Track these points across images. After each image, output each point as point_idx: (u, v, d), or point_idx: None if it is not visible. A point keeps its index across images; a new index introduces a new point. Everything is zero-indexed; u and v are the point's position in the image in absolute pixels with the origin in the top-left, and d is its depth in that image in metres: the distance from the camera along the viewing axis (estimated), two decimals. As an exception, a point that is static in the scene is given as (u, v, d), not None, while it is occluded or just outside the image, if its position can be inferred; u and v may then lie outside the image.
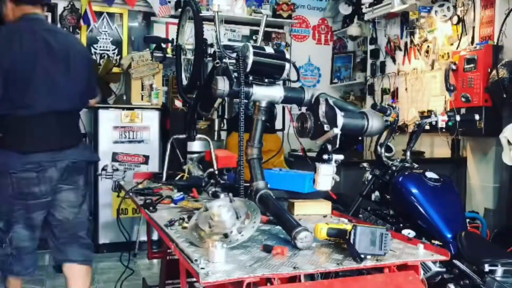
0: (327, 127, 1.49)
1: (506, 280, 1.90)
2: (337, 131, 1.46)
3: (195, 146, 3.00)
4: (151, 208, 1.94)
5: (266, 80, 1.78)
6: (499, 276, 1.90)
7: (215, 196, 2.11)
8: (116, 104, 4.73)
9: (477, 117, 2.61)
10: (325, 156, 1.49)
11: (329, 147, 1.49)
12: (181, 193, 2.15)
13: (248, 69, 1.71)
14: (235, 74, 1.72)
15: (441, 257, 1.48)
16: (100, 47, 5.12)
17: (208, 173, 2.48)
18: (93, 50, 5.06)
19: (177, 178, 2.50)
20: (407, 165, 2.55)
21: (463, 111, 3.74)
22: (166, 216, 1.83)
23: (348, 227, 1.56)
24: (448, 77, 3.82)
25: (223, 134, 4.62)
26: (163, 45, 3.14)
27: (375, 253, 1.34)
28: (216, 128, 4.18)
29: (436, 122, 2.53)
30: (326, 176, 1.49)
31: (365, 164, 2.75)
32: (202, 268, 1.22)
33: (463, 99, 3.75)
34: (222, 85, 1.72)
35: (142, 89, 4.57)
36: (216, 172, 2.42)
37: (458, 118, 2.56)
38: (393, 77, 5.20)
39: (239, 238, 1.44)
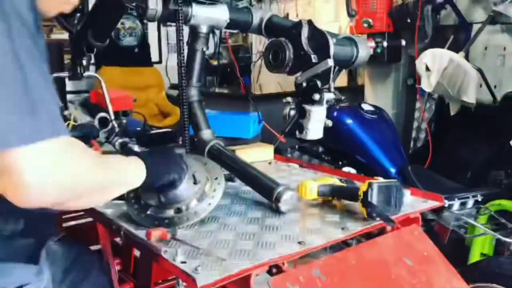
0: (315, 58, 1.16)
1: (462, 212, 1.86)
2: (331, 62, 1.13)
3: (70, 85, 2.50)
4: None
5: (208, -2, 1.36)
6: (456, 210, 1.85)
7: (127, 150, 1.71)
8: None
9: (403, 42, 2.48)
10: (317, 96, 1.16)
11: (319, 83, 1.17)
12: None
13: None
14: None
15: (436, 204, 1.31)
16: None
17: (99, 118, 2.03)
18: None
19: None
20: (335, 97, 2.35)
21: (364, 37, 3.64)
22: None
23: (335, 180, 1.31)
24: (349, 2, 3.66)
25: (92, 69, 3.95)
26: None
27: (391, 212, 1.12)
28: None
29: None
30: (318, 121, 1.18)
31: (289, 99, 2.49)
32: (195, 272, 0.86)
33: (364, 25, 3.63)
34: (154, 3, 1.26)
35: None
36: (113, 117, 2.02)
37: (385, 44, 2.41)
38: (275, 3, 4.92)
39: (206, 208, 1.09)
